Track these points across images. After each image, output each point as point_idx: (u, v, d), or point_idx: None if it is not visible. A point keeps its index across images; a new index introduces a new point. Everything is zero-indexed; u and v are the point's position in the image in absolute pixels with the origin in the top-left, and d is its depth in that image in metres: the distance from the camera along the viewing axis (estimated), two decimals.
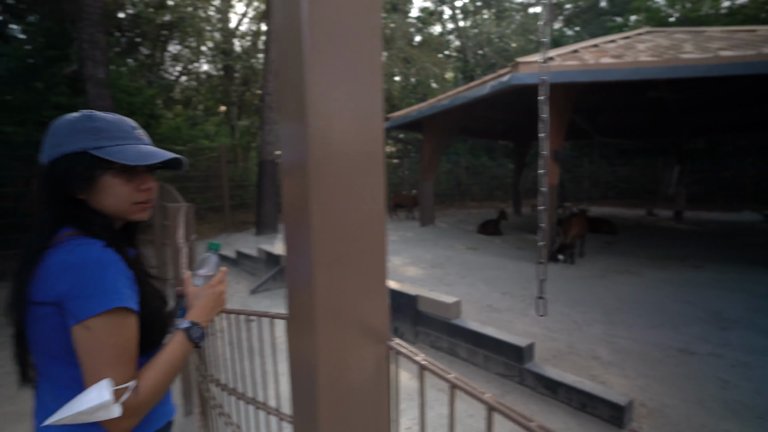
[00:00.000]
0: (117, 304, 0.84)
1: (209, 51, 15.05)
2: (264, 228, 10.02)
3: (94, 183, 0.93)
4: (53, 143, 0.92)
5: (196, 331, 1.00)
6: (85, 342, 0.82)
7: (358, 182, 0.59)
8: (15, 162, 6.81)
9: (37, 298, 0.84)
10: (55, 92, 7.45)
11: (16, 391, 3.26)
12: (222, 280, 1.10)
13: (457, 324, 3.71)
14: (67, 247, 0.86)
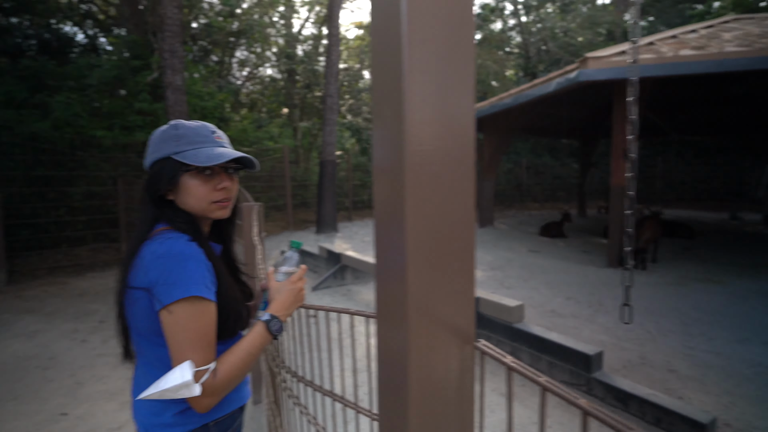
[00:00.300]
0: (194, 292, 0.92)
1: (273, 55, 15.68)
2: (324, 227, 10.28)
3: (177, 184, 1.03)
4: (149, 152, 1.05)
5: (275, 324, 1.07)
6: (169, 326, 0.91)
7: (451, 187, 0.61)
8: (104, 163, 7.46)
9: (133, 283, 0.95)
10: (139, 99, 8.09)
11: (107, 371, 3.59)
12: (302, 278, 1.16)
13: (519, 328, 3.62)
14: (158, 239, 0.97)
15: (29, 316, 4.91)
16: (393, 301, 0.62)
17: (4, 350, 3.98)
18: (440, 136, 0.59)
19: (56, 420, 2.86)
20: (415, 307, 0.60)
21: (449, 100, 0.59)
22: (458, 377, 0.66)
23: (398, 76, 0.56)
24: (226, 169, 1.08)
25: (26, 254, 6.77)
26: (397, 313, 0.61)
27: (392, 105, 0.58)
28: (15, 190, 6.62)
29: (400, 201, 0.58)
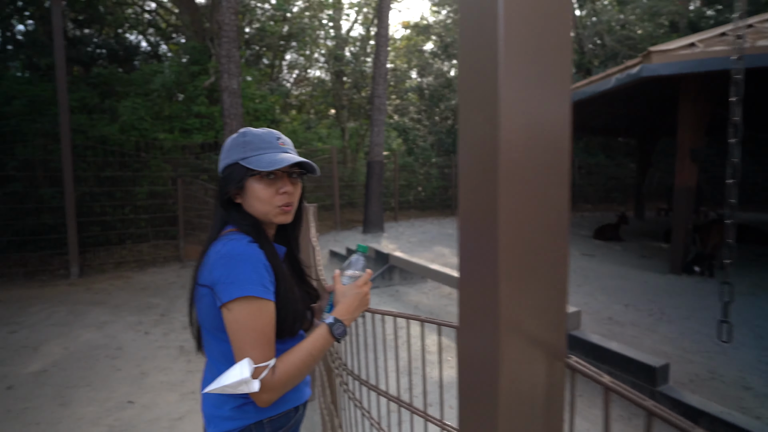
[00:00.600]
0: (251, 292, 0.95)
1: (322, 57, 15.97)
2: (370, 226, 10.34)
3: (243, 188, 1.08)
4: (221, 158, 1.12)
5: (338, 327, 1.08)
6: (229, 323, 0.96)
7: (546, 194, 0.58)
8: (165, 164, 7.86)
9: (200, 280, 1.02)
10: (196, 103, 8.47)
11: (168, 363, 3.77)
12: (367, 282, 1.16)
13: (576, 335, 3.47)
14: (223, 240, 1.03)
15: (98, 307, 5.25)
16: (481, 311, 0.60)
17: (78, 339, 4.27)
18: (537, 141, 0.56)
19: (124, 407, 3.03)
20: (506, 319, 0.57)
21: (545, 104, 0.56)
22: (547, 393, 0.63)
23: (493, 78, 0.54)
24: (289, 174, 1.12)
25: (95, 250, 7.25)
26: (485, 324, 0.59)
27: (485, 109, 0.56)
28: (86, 190, 7.10)
29: (491, 209, 0.56)
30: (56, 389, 3.27)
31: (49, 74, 8.48)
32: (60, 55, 5.92)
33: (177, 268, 7.30)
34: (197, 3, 10.33)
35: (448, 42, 16.25)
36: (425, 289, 6.02)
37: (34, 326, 4.60)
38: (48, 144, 7.06)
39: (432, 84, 16.92)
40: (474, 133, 0.60)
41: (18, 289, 6.03)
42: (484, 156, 0.58)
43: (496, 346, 0.58)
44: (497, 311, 0.57)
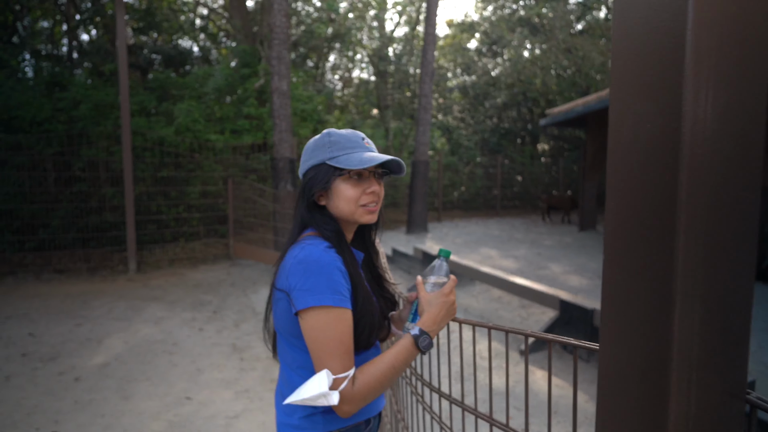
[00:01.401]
0: (326, 302, 0.92)
1: (366, 58, 16.02)
2: (414, 227, 10.25)
3: (329, 189, 1.06)
4: (303, 160, 1.10)
5: (424, 339, 1.01)
6: (306, 331, 0.94)
7: (734, 201, 0.47)
8: (216, 164, 8.09)
9: (277, 284, 1.01)
10: (246, 104, 8.67)
11: (222, 360, 3.83)
12: (453, 289, 1.07)
13: None
14: (301, 244, 1.00)
15: (155, 303, 5.44)
16: (644, 335, 0.50)
17: (137, 333, 4.43)
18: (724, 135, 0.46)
19: (182, 403, 3.09)
20: (679, 346, 0.47)
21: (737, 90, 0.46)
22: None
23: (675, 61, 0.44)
24: (374, 174, 1.08)
25: (151, 247, 7.55)
26: (650, 352, 0.49)
27: (658, 98, 0.46)
28: (144, 189, 7.41)
29: (667, 215, 0.46)
30: (119, 382, 3.39)
31: (112, 80, 8.94)
32: (123, 61, 6.20)
33: (227, 266, 7.49)
34: (247, 7, 10.60)
35: (494, 39, 15.88)
36: (474, 292, 5.86)
37: (97, 320, 4.81)
38: (110, 146, 7.42)
39: (476, 82, 16.61)
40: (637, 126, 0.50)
41: (82, 284, 6.35)
42: (656, 152, 0.47)
43: (664, 379, 0.48)
44: (668, 337, 0.47)
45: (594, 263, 7.26)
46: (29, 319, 4.81)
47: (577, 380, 1.14)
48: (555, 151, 17.08)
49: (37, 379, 3.43)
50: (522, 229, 11.07)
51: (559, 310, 3.89)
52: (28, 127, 7.26)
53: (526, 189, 15.21)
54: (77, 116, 7.48)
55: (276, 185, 7.17)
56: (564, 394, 3.24)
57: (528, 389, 1.06)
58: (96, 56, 10.21)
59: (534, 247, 8.63)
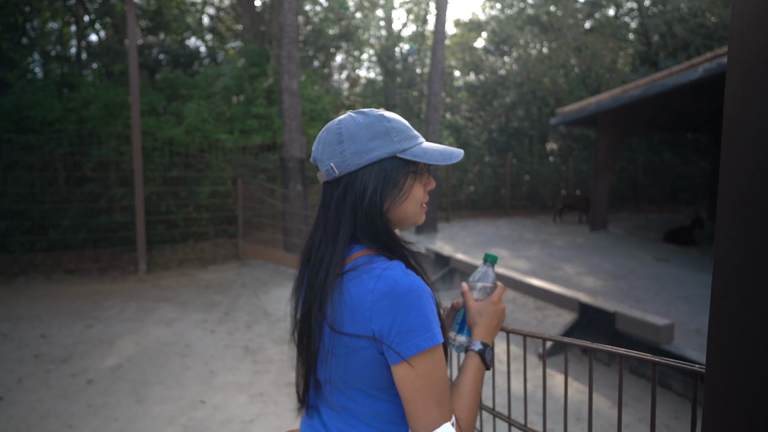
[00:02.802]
0: (440, 340, 0.77)
1: (373, 57, 15.95)
2: (424, 227, 10.16)
3: (404, 188, 0.86)
4: (354, 150, 0.84)
5: (489, 353, 0.92)
6: (409, 380, 0.76)
7: None
8: (225, 164, 8.06)
9: (347, 329, 0.79)
10: (255, 104, 8.63)
11: (235, 363, 3.78)
12: (501, 297, 1.00)
13: (669, 351, 3.15)
14: (371, 272, 0.79)
15: (166, 304, 5.40)
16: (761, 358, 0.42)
17: (149, 335, 4.39)
18: None
19: (196, 407, 3.04)
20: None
21: None
22: None
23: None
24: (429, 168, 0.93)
25: (161, 247, 7.53)
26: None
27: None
28: (153, 190, 7.39)
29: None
30: (132, 385, 3.34)
31: (122, 80, 8.94)
32: (133, 61, 6.17)
33: (237, 266, 7.45)
34: (256, 7, 10.57)
35: (503, 38, 15.76)
36: None
37: (108, 321, 4.78)
38: (120, 146, 7.41)
39: (485, 81, 16.49)
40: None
41: (92, 284, 6.34)
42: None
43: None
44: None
45: (608, 264, 7.15)
46: (41, 320, 4.79)
47: (592, 385, 1.06)
48: (564, 151, 16.93)
49: (49, 381, 3.39)
50: (532, 229, 10.96)
51: (578, 313, 3.80)
52: (38, 128, 7.26)
53: (534, 189, 15.08)
54: (87, 116, 7.47)
55: (286, 185, 7.13)
56: (586, 399, 3.15)
57: (546, 393, 0.99)
58: (105, 56, 10.22)
59: (546, 248, 8.52)
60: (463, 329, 1.00)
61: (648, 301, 5.32)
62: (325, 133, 0.88)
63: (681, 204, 16.53)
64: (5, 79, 7.86)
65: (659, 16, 14.39)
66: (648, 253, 8.03)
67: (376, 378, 0.81)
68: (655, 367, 1.00)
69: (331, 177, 0.85)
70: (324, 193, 0.89)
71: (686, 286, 5.87)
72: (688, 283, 6.01)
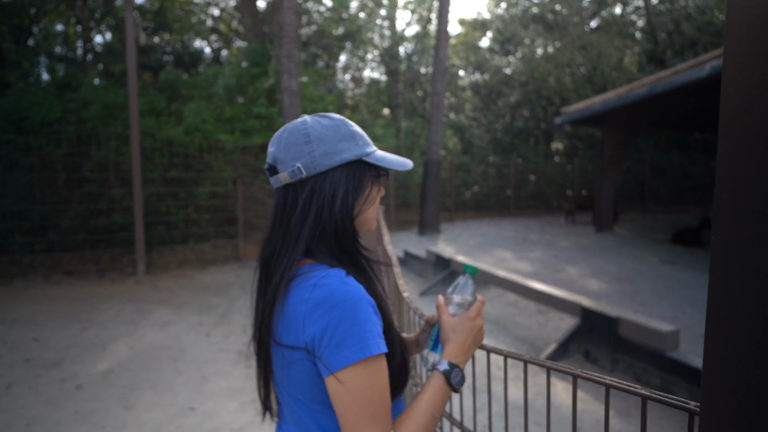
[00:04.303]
0: (372, 351, 0.71)
1: (378, 56, 15.86)
2: (426, 228, 10.07)
3: (370, 193, 0.85)
4: (324, 151, 0.80)
5: (456, 374, 0.83)
6: (339, 395, 0.71)
7: None
8: (226, 165, 8.01)
9: (284, 340, 0.76)
10: (256, 104, 8.57)
11: (228, 367, 3.70)
12: (480, 312, 0.90)
13: (674, 358, 3.03)
14: (309, 279, 0.76)
15: (162, 306, 5.35)
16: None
17: (142, 339, 4.33)
18: None
19: (185, 414, 2.97)
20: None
21: None
22: None
23: None
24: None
25: (160, 248, 7.49)
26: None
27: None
28: (153, 190, 7.35)
29: None
30: (121, 391, 3.28)
31: (122, 80, 8.91)
32: (132, 61, 6.12)
33: (236, 268, 7.39)
34: (258, 7, 10.52)
35: (508, 36, 15.62)
36: (489, 297, 5.67)
37: (104, 324, 4.73)
38: (119, 146, 7.37)
39: (489, 81, 16.36)
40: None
41: (91, 286, 6.30)
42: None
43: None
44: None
45: (613, 266, 7.01)
46: (35, 322, 4.75)
47: (576, 410, 0.97)
48: (569, 150, 16.75)
49: (38, 386, 3.33)
50: (537, 230, 10.83)
51: (580, 318, 3.69)
52: (38, 128, 7.24)
53: (539, 189, 14.93)
54: (87, 117, 7.44)
55: None
56: (587, 408, 3.05)
57: (527, 414, 0.89)
58: (108, 57, 10.22)
59: (550, 249, 8.39)
60: (436, 346, 0.91)
61: (653, 304, 5.19)
62: (286, 133, 0.83)
63: (688, 204, 16.29)
64: (5, 80, 7.86)
65: (666, 14, 14.19)
66: (654, 255, 7.87)
67: (313, 391, 0.76)
68: (644, 401, 0.90)
69: (296, 178, 0.81)
70: (283, 196, 0.84)
71: (693, 289, 5.72)
72: (696, 286, 5.86)
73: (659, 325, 3.18)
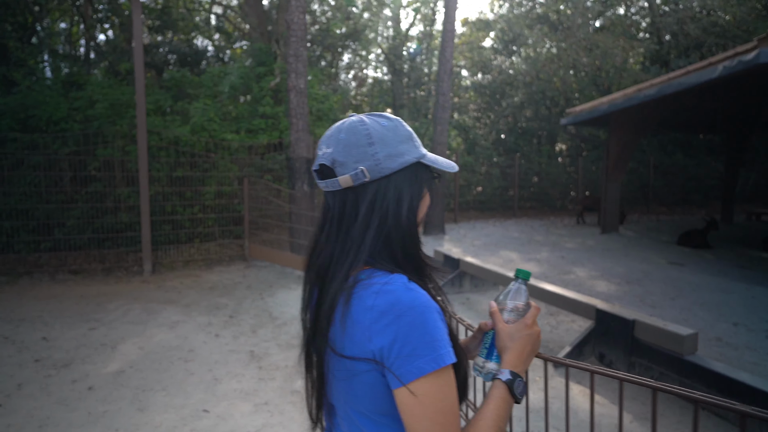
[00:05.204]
0: (447, 361, 0.68)
1: (382, 55, 15.83)
2: (431, 228, 10.04)
3: (426, 196, 0.84)
4: (387, 153, 0.77)
5: (519, 384, 0.80)
6: (410, 408, 0.68)
7: None
8: (232, 164, 7.97)
9: (347, 351, 0.73)
10: (262, 103, 8.54)
11: (240, 369, 3.67)
12: (535, 320, 0.87)
13: (693, 362, 3.00)
14: (373, 287, 0.72)
15: (170, 306, 5.31)
16: None
17: (152, 339, 4.30)
18: None
19: (199, 416, 2.94)
20: None
21: None
22: None
23: None
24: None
25: (166, 248, 7.46)
26: None
27: None
28: (159, 189, 7.32)
29: None
30: (133, 392, 3.25)
31: (128, 78, 8.88)
32: (139, 60, 6.09)
33: (242, 267, 7.36)
34: (263, 5, 10.49)
35: (512, 37, 15.57)
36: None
37: (112, 323, 4.70)
38: (126, 145, 7.34)
39: (493, 81, 16.31)
40: None
41: (97, 285, 6.27)
42: None
43: None
44: None
45: (620, 267, 6.98)
46: (43, 321, 4.72)
47: (594, 412, 0.94)
48: (573, 151, 16.71)
49: (49, 387, 3.30)
50: (542, 231, 10.80)
51: (594, 320, 3.66)
52: (44, 127, 7.21)
53: (543, 189, 14.89)
54: (93, 115, 7.41)
55: (292, 185, 7.03)
56: (605, 412, 3.02)
57: (548, 413, 0.86)
58: (112, 55, 10.18)
59: (556, 250, 8.36)
60: (491, 354, 0.88)
61: (664, 306, 5.16)
62: (344, 134, 0.79)
63: (693, 206, 16.25)
64: (11, 78, 7.83)
65: (671, 14, 14.15)
66: (661, 257, 7.84)
67: (379, 403, 0.73)
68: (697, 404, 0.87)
69: (359, 182, 0.77)
70: (340, 200, 0.80)
71: (703, 291, 5.69)
72: (705, 288, 5.83)
73: (677, 328, 3.15)
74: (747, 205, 15.20)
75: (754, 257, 7.90)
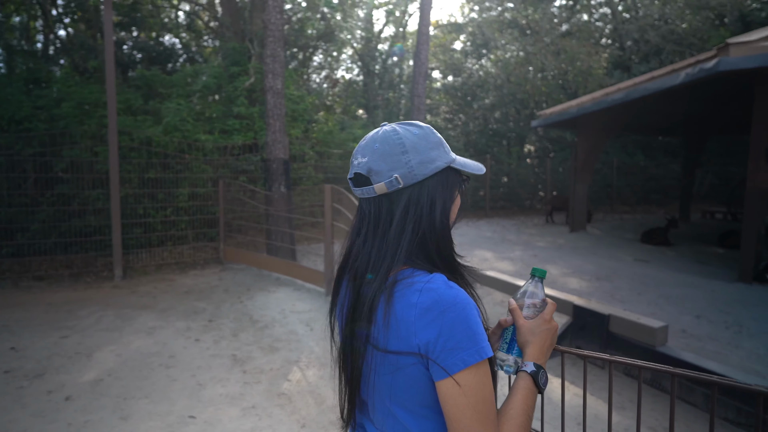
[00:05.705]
0: (487, 354, 0.75)
1: (355, 55, 15.84)
2: None
3: (457, 201, 0.89)
4: (420, 160, 0.82)
5: (543, 375, 0.86)
6: (454, 399, 0.73)
7: None
8: (205, 165, 7.82)
9: (391, 346, 0.77)
10: (236, 104, 8.42)
11: (223, 373, 3.63)
12: (552, 315, 0.94)
13: (664, 353, 3.18)
14: (415, 285, 0.77)
15: (146, 312, 5.18)
16: None
17: (129, 345, 4.19)
18: None
19: (186, 423, 2.90)
20: None
21: None
22: None
23: None
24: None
25: (137, 251, 7.25)
26: None
27: None
28: (130, 191, 7.11)
29: None
30: (115, 401, 3.16)
31: (94, 76, 8.56)
32: (110, 57, 5.91)
33: (218, 270, 7.24)
34: (237, 4, 10.33)
35: (483, 41, 15.89)
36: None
37: (85, 331, 4.54)
38: (95, 146, 7.09)
39: (464, 83, 16.60)
40: None
41: (65, 291, 6.04)
42: None
43: None
44: None
45: (590, 265, 7.25)
46: (9, 331, 4.51)
47: (586, 391, 1.02)
48: (541, 153, 17.19)
49: (24, 399, 3.18)
50: (513, 230, 11.06)
51: (572, 316, 3.81)
52: (5, 126, 6.88)
53: (512, 190, 15.26)
54: (59, 115, 7.12)
55: (269, 187, 6.96)
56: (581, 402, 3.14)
57: (564, 408, 0.94)
58: (77, 52, 9.79)
59: (528, 249, 8.60)
60: (512, 349, 0.94)
61: (632, 301, 5.40)
62: (380, 144, 0.84)
63: (653, 205, 17.01)
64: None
65: (633, 21, 14.78)
66: (627, 254, 8.19)
67: (422, 395, 0.78)
68: (714, 387, 0.95)
69: (393, 189, 0.82)
70: (376, 206, 0.85)
71: (667, 286, 5.99)
72: (669, 283, 6.14)
73: (649, 321, 3.33)
74: (702, 204, 16.02)
75: (711, 253, 8.36)
